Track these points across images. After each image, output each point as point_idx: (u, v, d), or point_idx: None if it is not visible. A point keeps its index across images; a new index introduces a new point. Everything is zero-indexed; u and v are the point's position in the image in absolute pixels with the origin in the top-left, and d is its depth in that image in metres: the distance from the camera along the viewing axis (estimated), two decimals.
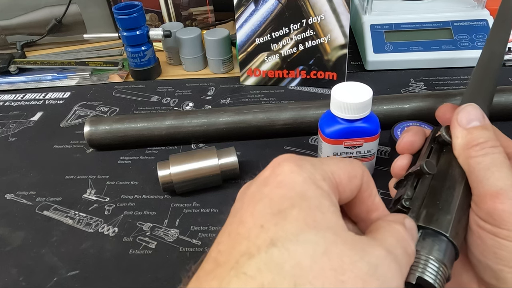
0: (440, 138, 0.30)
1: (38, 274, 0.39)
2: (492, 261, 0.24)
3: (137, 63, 0.67)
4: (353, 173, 0.23)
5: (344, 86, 0.41)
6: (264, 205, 0.20)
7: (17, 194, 0.48)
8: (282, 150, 0.51)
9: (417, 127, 0.33)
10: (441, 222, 0.25)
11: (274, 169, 0.22)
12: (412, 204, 0.26)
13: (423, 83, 0.63)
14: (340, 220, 0.20)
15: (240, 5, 0.59)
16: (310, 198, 0.20)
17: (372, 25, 0.66)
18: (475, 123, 0.28)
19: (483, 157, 0.26)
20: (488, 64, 0.34)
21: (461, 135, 0.28)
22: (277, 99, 0.62)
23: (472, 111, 0.28)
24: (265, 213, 0.20)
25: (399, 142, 0.33)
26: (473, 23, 0.65)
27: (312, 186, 0.21)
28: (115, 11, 0.63)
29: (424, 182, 0.28)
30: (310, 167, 0.22)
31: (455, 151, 0.28)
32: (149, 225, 0.43)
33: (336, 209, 0.21)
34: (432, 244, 0.24)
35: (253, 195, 0.21)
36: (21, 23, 0.78)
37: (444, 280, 0.23)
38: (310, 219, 0.19)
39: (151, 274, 0.38)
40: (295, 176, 0.21)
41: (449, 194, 0.26)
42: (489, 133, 0.27)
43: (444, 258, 0.23)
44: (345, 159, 0.24)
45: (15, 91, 0.69)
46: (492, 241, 0.24)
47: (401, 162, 0.32)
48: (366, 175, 0.24)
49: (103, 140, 0.52)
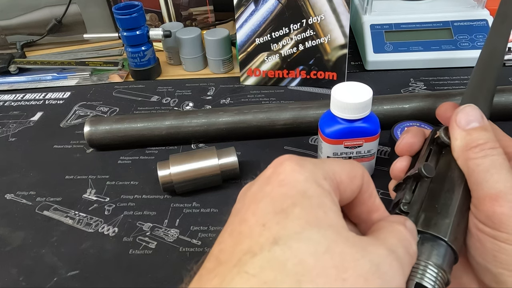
0: (439, 140, 0.29)
1: (38, 274, 0.39)
2: (491, 264, 0.24)
3: (137, 63, 0.67)
4: (354, 173, 0.23)
5: (344, 86, 0.41)
6: (266, 204, 0.20)
7: (17, 194, 0.48)
8: (282, 150, 0.51)
9: (416, 128, 0.33)
10: (440, 226, 0.25)
11: (276, 168, 0.22)
12: (411, 208, 0.26)
13: (423, 83, 0.63)
14: (341, 220, 0.20)
15: (240, 5, 0.59)
16: (312, 196, 0.20)
17: (372, 25, 0.66)
18: (474, 124, 0.28)
19: (482, 159, 0.26)
20: (488, 63, 0.34)
21: (460, 137, 0.27)
22: (277, 99, 0.62)
23: (471, 112, 0.28)
24: (267, 212, 0.20)
25: (398, 143, 0.32)
26: (473, 23, 0.65)
27: (314, 185, 0.21)
28: (115, 11, 0.63)
29: (423, 185, 0.27)
30: (312, 166, 0.22)
31: (454, 152, 0.28)
32: (149, 225, 0.43)
33: (337, 209, 0.21)
34: (431, 249, 0.24)
35: (255, 194, 0.21)
36: (21, 23, 0.78)
37: (443, 286, 0.23)
38: (312, 217, 0.19)
39: (151, 274, 0.38)
40: (297, 174, 0.21)
41: (448, 197, 0.26)
42: (489, 134, 0.27)
43: (443, 263, 0.23)
44: (346, 160, 0.24)
45: (15, 91, 0.69)
46: (492, 244, 0.24)
47: (400, 164, 0.32)
48: (366, 176, 0.24)
49: (103, 140, 0.52)
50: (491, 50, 0.34)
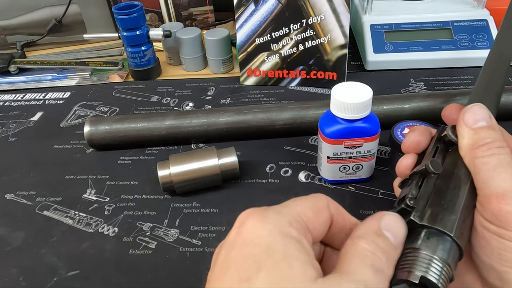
0: (446, 138, 0.30)
1: (38, 274, 0.39)
2: (496, 263, 0.24)
3: (137, 63, 0.67)
4: (318, 207, 0.24)
5: (344, 86, 0.41)
6: (232, 274, 0.21)
7: (17, 194, 0.48)
8: (282, 150, 0.51)
9: (423, 127, 0.33)
10: (446, 221, 0.25)
11: (239, 228, 0.22)
12: (417, 203, 0.26)
13: (423, 83, 0.63)
14: (309, 270, 0.21)
15: (240, 5, 0.59)
16: (277, 250, 0.21)
17: (372, 25, 0.66)
18: (482, 123, 0.28)
19: (489, 158, 0.26)
20: (495, 65, 0.33)
21: (467, 135, 0.27)
22: (277, 99, 0.62)
23: (479, 111, 0.28)
24: (233, 282, 0.20)
25: (405, 141, 0.32)
26: (473, 23, 0.65)
27: (278, 236, 0.21)
28: (115, 11, 0.63)
29: (429, 181, 0.27)
30: (275, 216, 0.22)
31: (461, 151, 0.28)
32: (149, 225, 0.43)
33: (306, 256, 0.21)
34: (436, 244, 0.24)
35: (222, 262, 0.22)
36: (21, 23, 0.78)
37: (448, 281, 0.23)
38: (276, 277, 0.20)
39: (151, 274, 0.38)
40: (260, 230, 0.21)
41: (454, 194, 0.26)
42: (496, 133, 0.27)
43: (448, 258, 0.23)
44: (307, 197, 0.24)
45: (15, 91, 0.69)
46: (497, 243, 0.24)
47: (406, 161, 0.31)
48: (332, 204, 0.25)
49: (103, 140, 0.52)
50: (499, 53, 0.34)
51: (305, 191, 0.45)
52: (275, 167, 0.49)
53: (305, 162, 0.49)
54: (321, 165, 0.45)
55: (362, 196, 0.44)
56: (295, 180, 0.47)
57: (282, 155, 0.51)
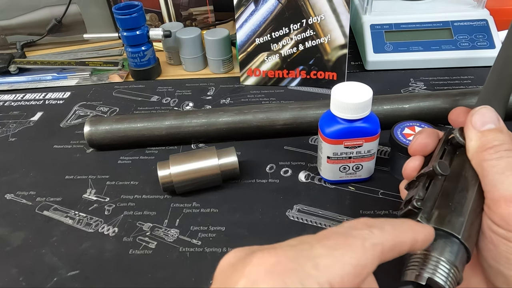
0: (453, 140, 0.29)
1: (38, 274, 0.39)
2: (504, 267, 0.24)
3: (137, 63, 0.67)
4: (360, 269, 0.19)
5: (344, 86, 0.41)
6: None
7: (17, 194, 0.48)
8: (282, 150, 0.51)
9: (430, 129, 0.32)
10: (454, 224, 0.24)
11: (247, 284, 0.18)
12: (424, 205, 0.26)
13: (423, 83, 0.63)
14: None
15: (240, 5, 0.59)
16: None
17: (372, 25, 0.66)
18: (490, 125, 0.27)
19: (497, 161, 0.25)
20: (504, 67, 0.33)
21: (475, 138, 0.27)
22: (277, 99, 0.62)
23: (487, 114, 0.28)
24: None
25: (412, 143, 0.32)
26: (473, 23, 0.65)
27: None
28: (115, 11, 0.63)
29: (437, 183, 0.27)
30: (298, 282, 0.17)
31: (469, 153, 0.28)
32: (149, 225, 0.43)
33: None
34: (444, 246, 0.24)
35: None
36: (21, 23, 0.78)
37: (455, 283, 0.23)
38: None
39: (151, 274, 0.38)
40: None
41: (462, 196, 0.26)
42: (504, 136, 0.27)
43: (456, 260, 0.23)
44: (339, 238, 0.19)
45: (15, 91, 0.69)
46: (505, 247, 0.24)
47: (413, 163, 0.31)
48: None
49: (103, 140, 0.52)
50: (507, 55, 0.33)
51: (305, 191, 0.45)
52: (275, 167, 0.49)
53: (305, 162, 0.49)
54: (321, 165, 0.45)
55: (362, 196, 0.44)
56: (295, 180, 0.47)
57: (282, 155, 0.51)
